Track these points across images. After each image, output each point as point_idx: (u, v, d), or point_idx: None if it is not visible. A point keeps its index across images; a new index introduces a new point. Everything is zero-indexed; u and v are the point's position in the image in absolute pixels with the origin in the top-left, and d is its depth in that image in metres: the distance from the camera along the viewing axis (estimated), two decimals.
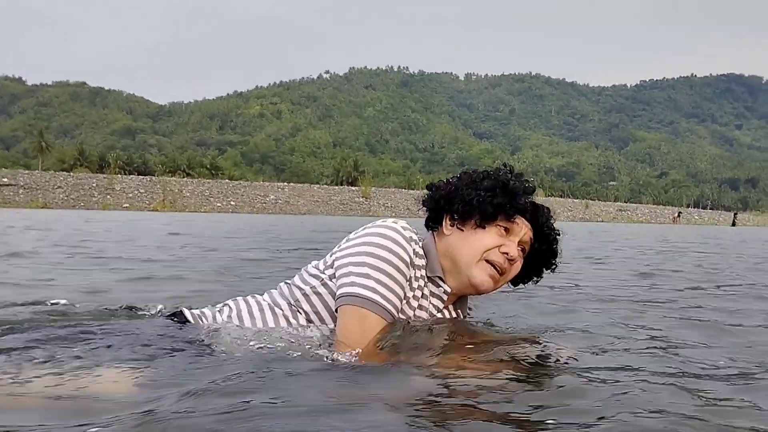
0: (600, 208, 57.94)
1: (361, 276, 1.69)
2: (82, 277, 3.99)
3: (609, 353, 1.90)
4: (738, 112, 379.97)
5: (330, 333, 1.78)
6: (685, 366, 1.75)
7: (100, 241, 7.87)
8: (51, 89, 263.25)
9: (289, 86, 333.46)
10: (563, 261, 2.02)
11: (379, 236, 1.74)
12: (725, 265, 6.68)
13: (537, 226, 1.93)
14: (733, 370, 1.73)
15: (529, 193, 1.91)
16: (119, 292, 3.33)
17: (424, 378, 1.50)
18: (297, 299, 1.84)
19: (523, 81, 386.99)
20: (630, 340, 2.16)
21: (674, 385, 1.50)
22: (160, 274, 4.39)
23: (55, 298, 2.69)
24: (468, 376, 1.50)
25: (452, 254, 1.87)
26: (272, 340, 1.75)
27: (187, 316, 1.90)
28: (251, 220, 21.01)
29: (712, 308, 3.14)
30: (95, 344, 1.69)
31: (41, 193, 34.64)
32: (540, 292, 3.25)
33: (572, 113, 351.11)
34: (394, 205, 43.78)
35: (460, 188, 1.90)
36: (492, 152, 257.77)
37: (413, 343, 1.66)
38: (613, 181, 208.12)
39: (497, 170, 1.95)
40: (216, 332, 1.80)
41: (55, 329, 1.84)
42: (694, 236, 17.59)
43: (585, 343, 2.04)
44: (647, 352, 1.97)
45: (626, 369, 1.67)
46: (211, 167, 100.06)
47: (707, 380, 1.60)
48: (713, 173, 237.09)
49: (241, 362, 1.58)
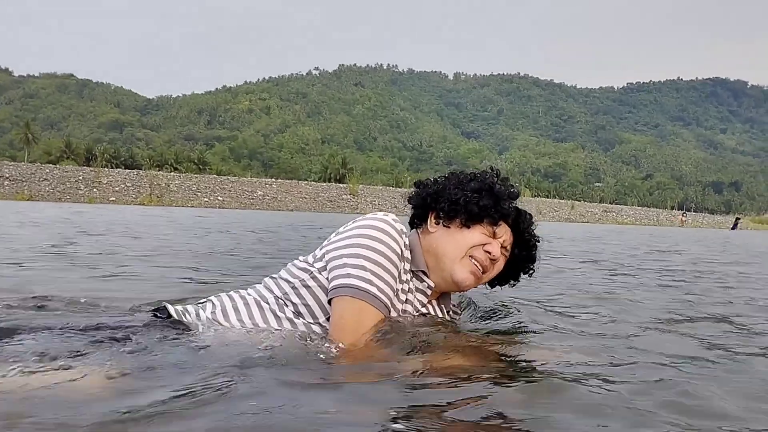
0: (585, 209, 58.37)
1: (356, 267, 1.68)
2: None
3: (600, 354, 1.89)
4: (723, 116, 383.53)
5: (319, 326, 1.77)
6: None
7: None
8: (38, 81, 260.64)
9: (278, 82, 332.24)
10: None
11: (372, 228, 1.74)
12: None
13: (518, 231, 1.97)
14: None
15: (513, 198, 1.94)
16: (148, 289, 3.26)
17: (413, 379, 1.48)
18: (285, 292, 1.82)
19: (511, 81, 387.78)
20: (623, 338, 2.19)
21: (663, 379, 1.51)
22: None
23: (38, 292, 2.58)
24: (458, 376, 1.49)
25: (436, 250, 1.89)
26: (258, 334, 1.73)
27: (170, 310, 1.84)
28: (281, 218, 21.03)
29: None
30: (71, 340, 1.64)
31: (27, 186, 34.44)
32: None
33: (560, 114, 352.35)
34: (382, 203, 43.96)
35: (448, 188, 1.93)
36: (480, 152, 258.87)
37: (408, 341, 1.66)
38: (599, 183, 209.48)
39: (484, 173, 1.98)
40: (200, 328, 1.77)
41: (33, 324, 1.78)
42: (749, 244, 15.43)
43: (577, 343, 2.08)
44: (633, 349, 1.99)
45: (611, 368, 1.68)
46: (198, 162, 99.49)
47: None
48: (697, 176, 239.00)
49: (224, 359, 1.54)
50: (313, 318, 1.78)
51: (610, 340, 2.16)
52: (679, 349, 2.03)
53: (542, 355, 1.79)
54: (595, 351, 1.92)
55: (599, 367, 1.66)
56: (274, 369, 1.48)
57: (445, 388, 1.41)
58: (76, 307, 2.25)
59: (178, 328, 1.75)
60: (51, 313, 2.10)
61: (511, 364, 1.63)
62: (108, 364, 1.46)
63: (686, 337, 2.33)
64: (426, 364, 1.56)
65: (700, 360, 1.88)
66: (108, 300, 2.46)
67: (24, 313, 2.06)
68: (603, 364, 1.71)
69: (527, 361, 1.68)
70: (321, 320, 1.77)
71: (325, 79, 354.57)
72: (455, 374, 1.49)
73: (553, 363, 1.69)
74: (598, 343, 2.11)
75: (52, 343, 1.59)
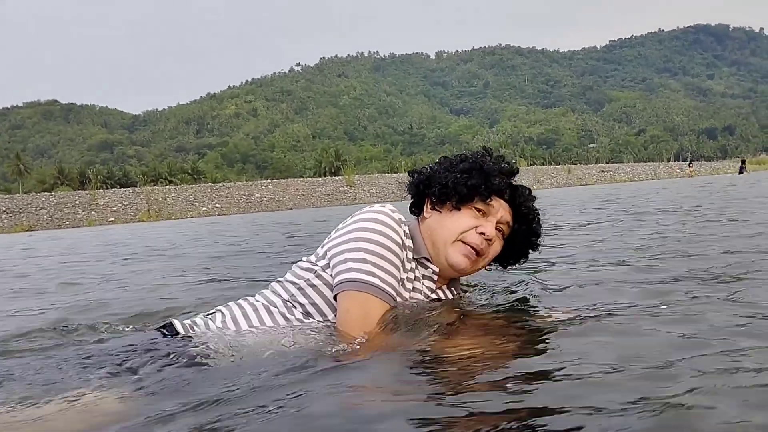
0: (582, 172, 58.24)
1: (357, 261, 1.69)
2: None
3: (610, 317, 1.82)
4: (708, 62, 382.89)
5: (329, 324, 1.76)
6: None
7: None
8: (22, 110, 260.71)
9: (261, 83, 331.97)
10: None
11: (370, 221, 1.75)
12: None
13: (515, 206, 1.95)
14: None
15: (505, 174, 1.91)
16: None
17: (430, 363, 1.48)
18: (292, 294, 1.82)
19: (494, 53, 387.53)
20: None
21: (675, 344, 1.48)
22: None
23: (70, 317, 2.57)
24: (474, 355, 1.48)
25: (431, 236, 1.89)
26: (270, 339, 1.71)
27: (177, 327, 1.82)
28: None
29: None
30: (80, 363, 1.64)
31: (25, 216, 34.40)
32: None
33: (546, 80, 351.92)
34: (380, 191, 43.90)
35: (438, 172, 1.93)
36: (471, 127, 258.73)
37: (416, 327, 1.65)
38: (592, 144, 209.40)
39: (475, 153, 1.97)
40: (211, 340, 1.73)
41: (41, 347, 1.79)
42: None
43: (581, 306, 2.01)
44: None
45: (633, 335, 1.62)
46: (192, 172, 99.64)
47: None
48: (690, 125, 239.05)
49: (240, 367, 1.53)
50: (323, 316, 1.78)
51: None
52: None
53: (552, 321, 1.78)
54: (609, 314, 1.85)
55: (607, 333, 1.63)
56: (286, 370, 1.47)
57: (456, 373, 1.39)
58: (85, 332, 2.24)
59: (186, 344, 1.72)
60: (61, 339, 2.12)
61: (519, 340, 1.60)
62: (119, 387, 1.44)
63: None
64: (435, 349, 1.55)
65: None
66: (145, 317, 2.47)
67: (38, 341, 2.09)
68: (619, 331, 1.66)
69: (539, 333, 1.65)
70: (330, 317, 1.77)
71: (308, 74, 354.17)
72: (465, 357, 1.48)
73: (564, 324, 1.69)
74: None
75: (59, 371, 1.58)
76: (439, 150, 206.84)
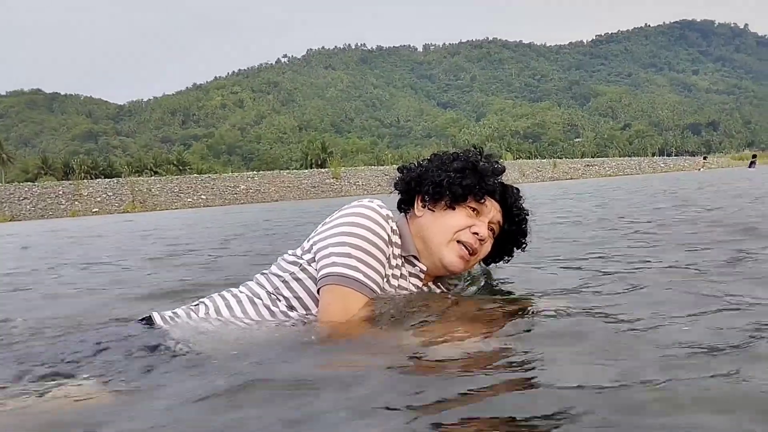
0: (568, 166, 58.52)
1: (341, 255, 1.69)
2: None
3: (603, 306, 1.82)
4: (693, 58, 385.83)
5: (312, 317, 1.76)
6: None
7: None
8: (5, 99, 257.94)
9: (248, 74, 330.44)
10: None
11: (356, 216, 1.74)
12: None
13: (506, 206, 1.96)
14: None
15: (497, 174, 1.93)
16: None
17: (407, 347, 1.49)
18: (276, 287, 1.81)
19: (481, 47, 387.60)
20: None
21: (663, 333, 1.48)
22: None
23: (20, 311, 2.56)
24: (453, 345, 1.48)
25: (424, 235, 1.88)
26: (252, 330, 1.72)
27: (156, 319, 1.81)
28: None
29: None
30: (58, 355, 1.63)
31: (7, 206, 34.09)
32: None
33: (532, 74, 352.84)
34: (366, 183, 43.88)
35: (431, 170, 1.92)
36: (457, 121, 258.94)
37: (398, 319, 1.65)
38: (578, 138, 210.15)
39: (467, 152, 1.97)
40: (192, 329, 1.74)
41: (18, 343, 1.78)
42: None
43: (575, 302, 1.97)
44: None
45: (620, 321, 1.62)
46: (178, 163, 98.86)
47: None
48: (675, 120, 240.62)
49: (220, 357, 1.53)
50: (307, 310, 1.78)
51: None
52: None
53: (539, 307, 1.79)
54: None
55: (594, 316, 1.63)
56: (266, 360, 1.47)
57: (439, 363, 1.37)
58: (63, 328, 2.19)
59: (166, 334, 1.71)
60: (37, 332, 2.10)
61: (505, 329, 1.59)
62: (107, 379, 1.43)
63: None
64: (417, 340, 1.54)
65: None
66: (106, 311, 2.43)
67: (16, 337, 2.04)
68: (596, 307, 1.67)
69: (527, 323, 1.64)
70: (314, 311, 1.76)
71: (294, 65, 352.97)
72: (449, 347, 1.47)
73: (550, 313, 1.70)
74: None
75: (39, 364, 1.56)
76: (425, 143, 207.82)
